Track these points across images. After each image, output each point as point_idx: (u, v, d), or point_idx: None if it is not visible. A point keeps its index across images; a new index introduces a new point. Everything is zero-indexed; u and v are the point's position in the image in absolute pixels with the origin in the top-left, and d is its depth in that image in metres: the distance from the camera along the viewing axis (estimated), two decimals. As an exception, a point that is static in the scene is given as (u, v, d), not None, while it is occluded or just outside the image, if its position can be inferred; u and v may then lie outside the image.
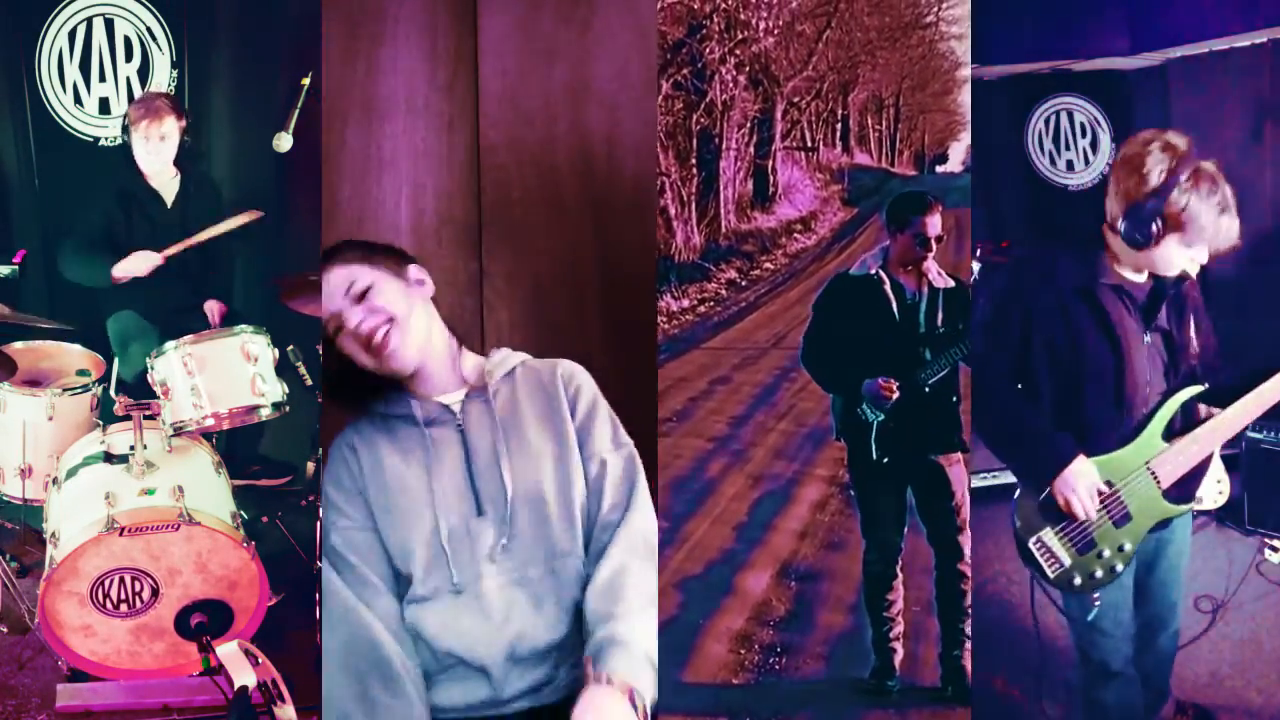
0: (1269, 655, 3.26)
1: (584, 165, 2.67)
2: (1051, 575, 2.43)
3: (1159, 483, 2.43)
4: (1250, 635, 3.34)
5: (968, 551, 3.08)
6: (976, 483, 3.66)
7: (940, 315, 3.04)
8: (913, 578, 3.18)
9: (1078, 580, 2.44)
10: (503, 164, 2.64)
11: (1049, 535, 2.42)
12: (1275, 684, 3.13)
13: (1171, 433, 2.43)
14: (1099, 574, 2.44)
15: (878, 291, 3.04)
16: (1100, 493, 2.41)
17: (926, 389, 3.01)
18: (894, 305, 3.04)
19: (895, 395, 2.97)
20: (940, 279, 3.06)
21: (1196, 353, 2.45)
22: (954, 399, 3.05)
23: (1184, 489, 2.47)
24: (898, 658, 3.14)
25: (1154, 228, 2.28)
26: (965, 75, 5.98)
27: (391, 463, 2.14)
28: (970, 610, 3.07)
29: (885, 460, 3.05)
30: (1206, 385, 2.44)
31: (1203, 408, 2.47)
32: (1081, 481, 2.36)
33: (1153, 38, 5.05)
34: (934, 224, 3.01)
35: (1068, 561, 2.43)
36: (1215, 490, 3.93)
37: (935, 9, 5.94)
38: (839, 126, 6.50)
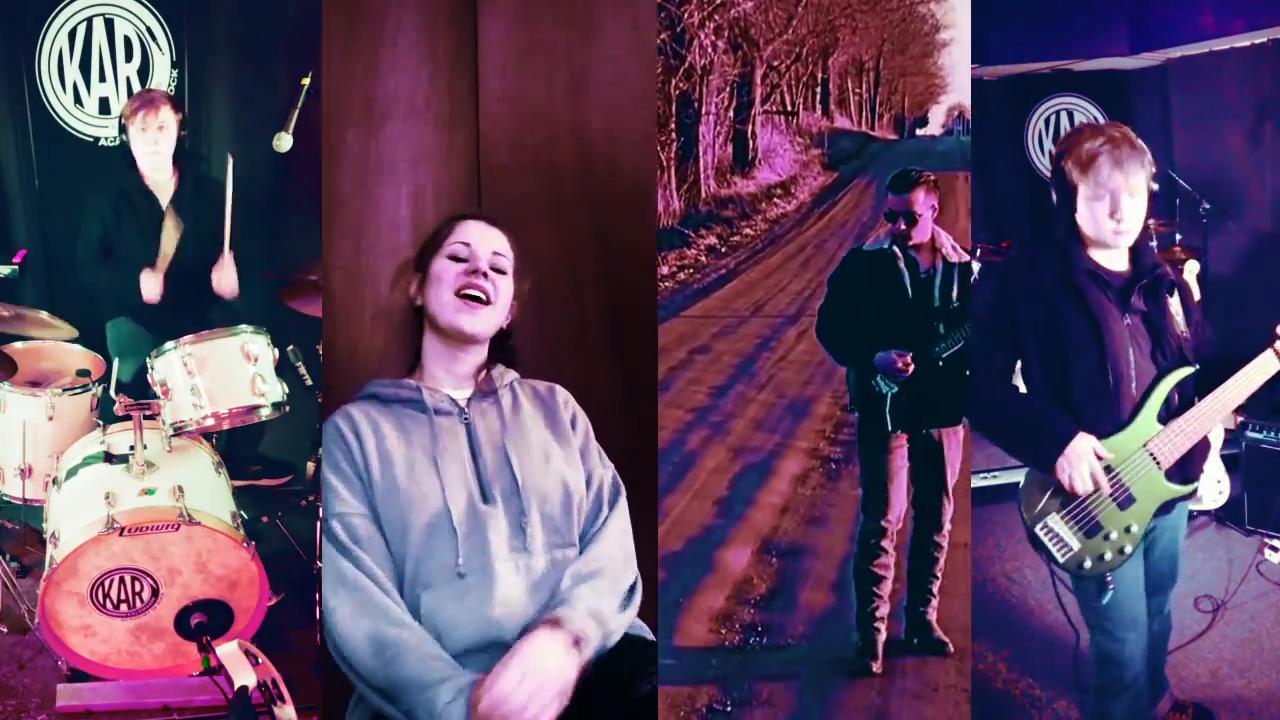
0: (1269, 655, 3.26)
1: (584, 165, 2.67)
2: (1061, 560, 2.48)
3: (1159, 464, 2.47)
4: (1250, 635, 3.34)
5: (947, 524, 3.12)
6: (977, 482, 3.66)
7: (955, 290, 3.06)
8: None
9: (1088, 564, 2.47)
10: (503, 164, 2.64)
11: (1055, 520, 2.47)
12: (1275, 684, 3.13)
13: (1166, 415, 2.48)
14: (1108, 556, 2.48)
15: (892, 266, 3.06)
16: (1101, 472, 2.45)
17: (940, 363, 3.02)
18: (907, 280, 3.06)
19: (910, 369, 2.99)
20: (955, 254, 3.08)
21: (1185, 334, 2.51)
22: (966, 372, 3.05)
23: (1185, 470, 2.51)
24: (881, 638, 3.13)
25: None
26: (945, 39, 5.97)
27: (395, 444, 2.14)
28: (939, 575, 3.12)
29: (897, 432, 3.07)
30: (1197, 367, 2.49)
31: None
32: (1083, 458, 2.41)
33: (1153, 38, 5.06)
34: (918, 199, 3.02)
35: (1076, 546, 2.47)
36: (1215, 490, 3.94)
37: (915, -28, 5.93)
38: (819, 90, 6.47)
